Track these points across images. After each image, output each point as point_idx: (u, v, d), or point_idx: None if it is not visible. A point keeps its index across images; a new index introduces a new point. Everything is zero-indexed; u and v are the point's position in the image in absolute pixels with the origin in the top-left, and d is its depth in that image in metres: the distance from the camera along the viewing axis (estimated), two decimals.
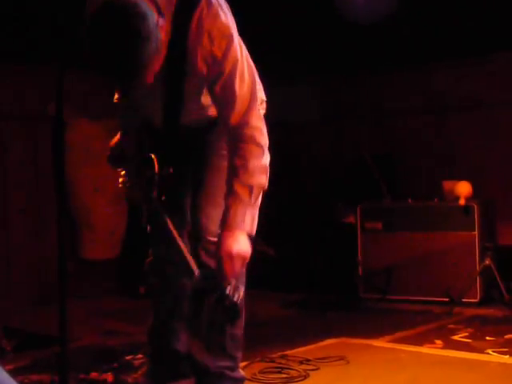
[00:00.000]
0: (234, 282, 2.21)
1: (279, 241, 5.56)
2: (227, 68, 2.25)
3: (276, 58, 5.08)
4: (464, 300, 4.47)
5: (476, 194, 4.79)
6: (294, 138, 6.16)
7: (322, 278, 5.15)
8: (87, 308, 4.55)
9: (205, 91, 2.40)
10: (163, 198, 2.50)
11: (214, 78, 2.26)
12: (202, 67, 2.24)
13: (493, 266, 4.41)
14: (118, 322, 4.32)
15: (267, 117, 2.43)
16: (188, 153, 2.60)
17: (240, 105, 2.29)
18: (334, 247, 5.26)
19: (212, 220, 2.53)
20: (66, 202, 4.77)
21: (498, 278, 4.38)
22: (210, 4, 2.20)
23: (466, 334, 3.82)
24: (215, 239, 2.44)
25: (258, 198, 2.30)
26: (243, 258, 2.25)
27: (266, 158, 2.30)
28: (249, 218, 2.27)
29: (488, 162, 5.31)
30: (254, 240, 2.31)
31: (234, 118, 2.29)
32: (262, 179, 2.29)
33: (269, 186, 2.30)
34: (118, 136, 2.69)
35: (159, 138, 2.54)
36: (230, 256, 2.22)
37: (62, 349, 2.25)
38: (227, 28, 2.23)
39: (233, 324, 2.39)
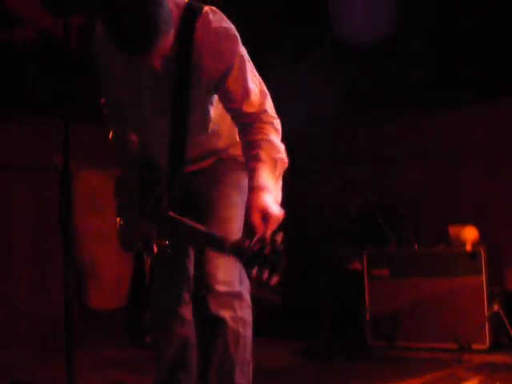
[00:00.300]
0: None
1: (286, 288, 5.55)
2: (236, 62, 2.30)
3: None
4: (473, 347, 4.42)
5: (483, 239, 4.77)
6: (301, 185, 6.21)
7: (330, 325, 5.11)
8: (93, 358, 4.51)
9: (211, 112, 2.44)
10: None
11: (223, 74, 2.30)
12: (210, 65, 2.29)
13: (501, 312, 4.38)
14: (124, 372, 4.30)
15: None
16: (190, 201, 2.62)
17: (254, 95, 2.32)
18: (340, 294, 5.23)
19: (221, 268, 2.53)
20: (72, 252, 4.78)
21: (507, 324, 4.35)
22: (214, 10, 2.31)
23: (476, 381, 3.79)
24: (225, 289, 2.45)
25: (280, 174, 2.26)
26: (277, 218, 2.08)
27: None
28: (274, 188, 2.20)
29: (494, 206, 5.30)
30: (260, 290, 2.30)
31: (251, 108, 2.31)
32: (284, 158, 2.27)
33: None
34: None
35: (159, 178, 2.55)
36: (265, 212, 2.07)
37: None
38: (232, 29, 2.31)
39: (276, 273, 2.00)
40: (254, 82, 2.34)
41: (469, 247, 4.68)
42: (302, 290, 5.56)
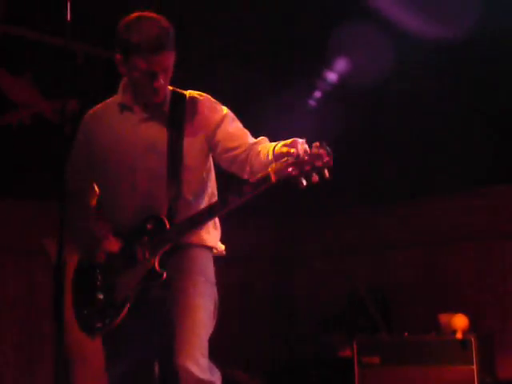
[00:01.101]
0: None
1: (278, 376, 5.54)
2: (226, 112, 2.81)
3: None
4: None
5: (473, 327, 4.79)
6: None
7: None
8: None
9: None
10: None
11: (220, 120, 2.77)
12: (206, 119, 2.80)
13: None
14: None
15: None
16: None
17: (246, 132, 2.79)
18: (331, 382, 5.21)
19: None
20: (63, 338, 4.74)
21: None
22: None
23: None
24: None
25: None
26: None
27: None
28: None
29: (484, 294, 5.33)
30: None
31: (251, 139, 2.74)
32: None
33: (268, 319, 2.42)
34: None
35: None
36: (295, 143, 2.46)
37: None
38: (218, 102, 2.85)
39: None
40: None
41: (459, 335, 4.69)
42: (294, 378, 5.51)
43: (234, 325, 5.79)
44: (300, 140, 2.45)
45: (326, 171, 2.40)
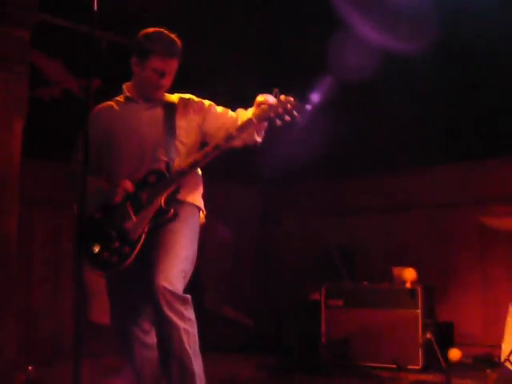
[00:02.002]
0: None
1: (257, 313, 5.68)
2: (210, 102, 3.10)
3: None
4: (409, 367, 4.59)
5: (419, 279, 4.92)
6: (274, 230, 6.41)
7: (292, 345, 5.22)
8: (96, 366, 4.59)
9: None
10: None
11: (206, 110, 3.07)
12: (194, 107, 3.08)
13: (433, 339, 4.50)
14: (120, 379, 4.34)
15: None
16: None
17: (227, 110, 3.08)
18: (301, 320, 5.34)
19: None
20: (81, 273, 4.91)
21: (437, 349, 4.45)
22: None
23: None
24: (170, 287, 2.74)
25: None
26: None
27: None
28: None
29: (429, 253, 5.51)
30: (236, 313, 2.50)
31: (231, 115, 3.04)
32: None
33: (252, 268, 2.57)
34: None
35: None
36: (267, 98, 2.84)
37: None
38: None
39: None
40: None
41: (408, 285, 4.83)
42: (271, 315, 5.69)
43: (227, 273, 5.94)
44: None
45: (295, 112, 2.78)
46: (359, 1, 4.91)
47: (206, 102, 3.12)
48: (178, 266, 2.82)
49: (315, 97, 2.94)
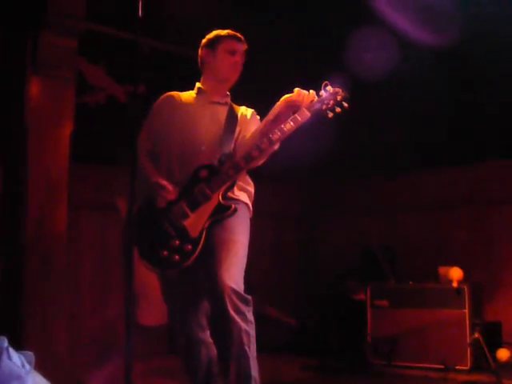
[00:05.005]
0: None
1: (302, 313, 5.65)
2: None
3: None
4: (457, 367, 4.52)
5: (466, 278, 4.86)
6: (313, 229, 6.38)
7: (337, 345, 5.20)
8: (143, 367, 4.60)
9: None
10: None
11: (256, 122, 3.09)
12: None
13: (481, 339, 4.46)
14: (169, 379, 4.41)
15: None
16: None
17: None
18: (347, 320, 5.32)
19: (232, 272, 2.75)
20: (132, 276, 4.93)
21: (485, 349, 4.43)
22: None
23: None
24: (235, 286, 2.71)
25: None
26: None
27: None
28: None
29: (477, 252, 5.41)
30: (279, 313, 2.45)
31: None
32: None
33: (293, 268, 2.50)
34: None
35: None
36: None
37: None
38: None
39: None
40: None
41: (455, 284, 4.75)
42: (314, 316, 5.65)
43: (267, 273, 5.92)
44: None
45: (345, 103, 2.76)
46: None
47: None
48: (240, 265, 2.81)
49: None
